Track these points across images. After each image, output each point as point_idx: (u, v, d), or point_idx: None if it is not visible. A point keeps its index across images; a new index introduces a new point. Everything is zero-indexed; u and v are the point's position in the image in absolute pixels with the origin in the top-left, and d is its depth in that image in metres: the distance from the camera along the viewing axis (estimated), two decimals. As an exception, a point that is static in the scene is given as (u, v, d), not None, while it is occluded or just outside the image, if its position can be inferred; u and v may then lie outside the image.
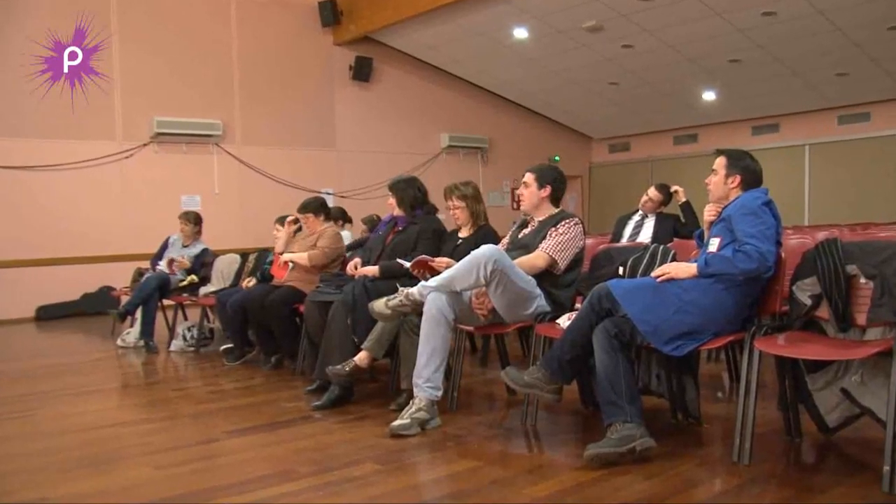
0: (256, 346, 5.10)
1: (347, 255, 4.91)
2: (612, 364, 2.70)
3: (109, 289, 8.26)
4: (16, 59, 7.75)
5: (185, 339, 5.83)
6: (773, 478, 2.54)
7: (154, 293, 5.93)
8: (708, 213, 3.03)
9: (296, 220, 5.20)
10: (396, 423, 3.13)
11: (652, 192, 5.65)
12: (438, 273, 3.37)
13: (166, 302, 6.28)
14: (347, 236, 6.61)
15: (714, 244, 2.84)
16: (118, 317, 6.08)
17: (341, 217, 7.19)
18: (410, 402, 3.23)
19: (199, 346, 5.76)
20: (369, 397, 3.88)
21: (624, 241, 5.54)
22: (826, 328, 2.77)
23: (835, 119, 11.16)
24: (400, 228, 4.22)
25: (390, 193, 4.23)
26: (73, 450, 3.13)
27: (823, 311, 2.74)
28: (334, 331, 3.80)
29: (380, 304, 3.33)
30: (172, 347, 5.82)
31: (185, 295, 6.07)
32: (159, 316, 6.25)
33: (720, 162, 2.99)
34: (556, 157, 13.13)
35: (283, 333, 4.70)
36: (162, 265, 6.21)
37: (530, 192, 3.60)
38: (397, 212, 4.23)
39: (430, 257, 3.58)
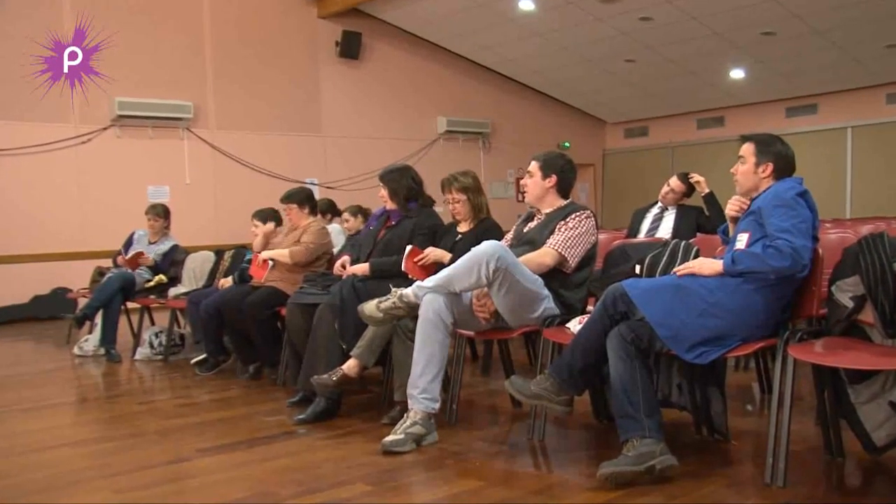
0: (232, 353, 5.10)
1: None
2: (628, 373, 2.71)
3: (65, 290, 8.25)
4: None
5: (151, 346, 5.83)
6: (811, 502, 2.55)
7: (116, 295, 5.91)
8: (730, 208, 3.04)
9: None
10: (389, 438, 3.14)
11: (673, 181, 5.66)
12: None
13: (130, 305, 6.27)
14: (337, 231, 6.61)
15: (742, 240, 2.84)
16: (75, 322, 6.07)
17: (329, 210, 7.19)
18: (405, 416, 3.24)
19: (168, 353, 5.76)
20: (359, 410, 3.89)
21: (641, 236, 5.55)
22: (871, 334, 2.77)
23: (882, 97, 11.12)
24: (393, 223, 4.22)
25: (381, 184, 4.23)
26: (20, 474, 3.12)
27: (867, 315, 2.73)
28: (320, 336, 3.81)
29: (370, 307, 3.33)
30: (137, 356, 5.83)
31: (151, 297, 6.05)
32: (122, 320, 6.23)
33: (747, 149, 2.99)
34: (566, 144, 13.16)
35: (263, 339, 4.71)
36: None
37: (534, 181, 3.62)
38: (389, 205, 4.23)
39: (418, 249, 3.57)
